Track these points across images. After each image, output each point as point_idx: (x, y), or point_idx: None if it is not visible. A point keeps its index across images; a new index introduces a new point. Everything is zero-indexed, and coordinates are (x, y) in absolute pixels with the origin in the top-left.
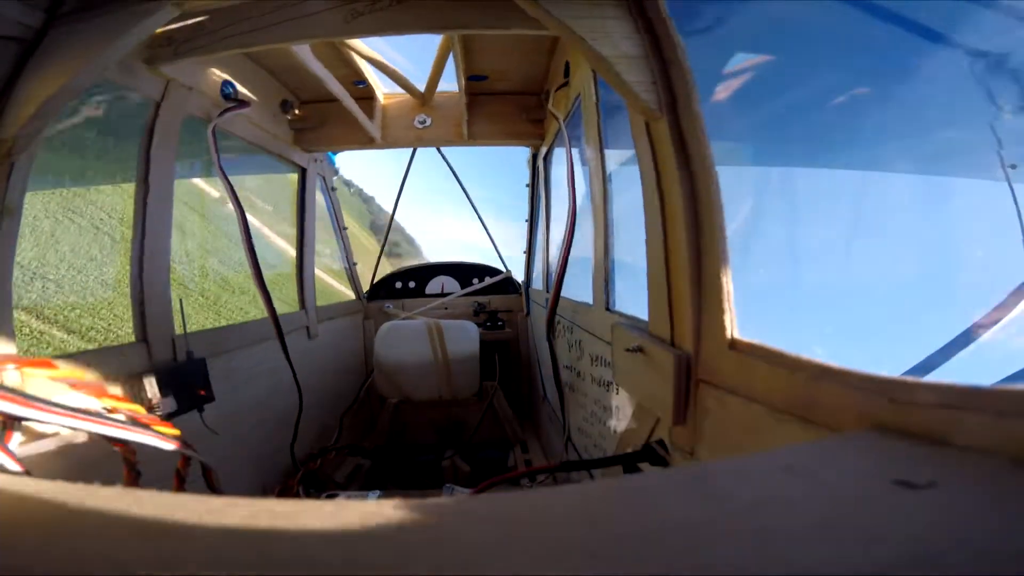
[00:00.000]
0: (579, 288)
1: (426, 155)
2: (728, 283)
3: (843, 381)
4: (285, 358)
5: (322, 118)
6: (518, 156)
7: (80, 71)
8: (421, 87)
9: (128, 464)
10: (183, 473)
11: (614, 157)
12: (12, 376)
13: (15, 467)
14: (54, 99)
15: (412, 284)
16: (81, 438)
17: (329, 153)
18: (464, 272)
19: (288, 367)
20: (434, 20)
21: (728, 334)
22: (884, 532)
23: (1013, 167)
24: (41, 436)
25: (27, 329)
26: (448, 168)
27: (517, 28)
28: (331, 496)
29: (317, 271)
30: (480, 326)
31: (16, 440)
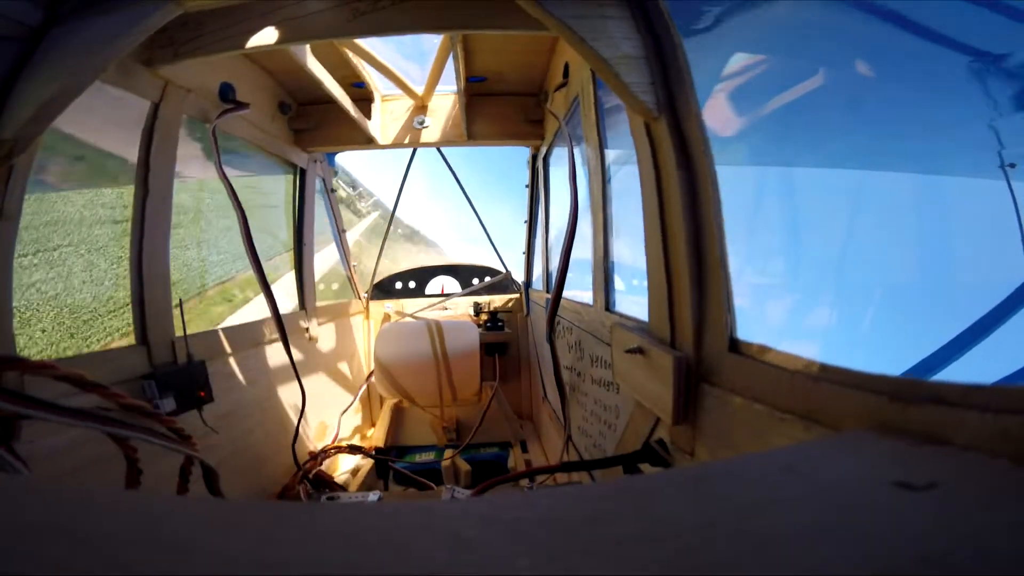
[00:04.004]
0: (579, 289)
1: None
2: (728, 283)
3: (843, 381)
4: (288, 357)
5: (321, 119)
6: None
7: (80, 71)
8: (420, 89)
9: (130, 462)
10: (187, 472)
11: (613, 157)
12: (13, 378)
13: (19, 467)
14: (54, 100)
15: (412, 284)
16: (83, 438)
17: (328, 155)
18: (464, 272)
19: (287, 368)
20: (435, 20)
21: (728, 334)
22: (884, 533)
23: (1012, 166)
24: (44, 436)
25: None
26: (448, 168)
27: (517, 28)
28: (331, 497)
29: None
30: (480, 326)
31: (19, 440)
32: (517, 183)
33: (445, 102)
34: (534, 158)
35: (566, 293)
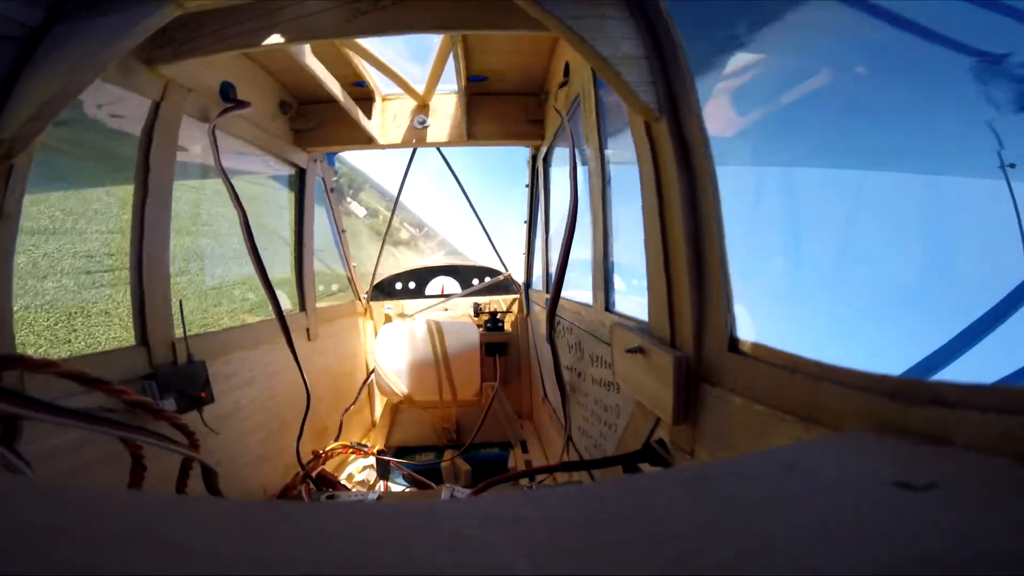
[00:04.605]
0: (578, 289)
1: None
2: (728, 283)
3: (843, 380)
4: (292, 357)
5: (321, 118)
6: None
7: (80, 71)
8: (421, 88)
9: (135, 459)
10: (188, 468)
11: (614, 157)
12: (14, 377)
13: (21, 467)
14: (54, 99)
15: (412, 285)
16: (86, 438)
17: (328, 155)
18: (464, 273)
19: (289, 368)
20: (435, 20)
21: (728, 334)
22: (884, 532)
23: (1012, 166)
24: (46, 436)
25: None
26: (448, 168)
27: (517, 28)
28: (331, 497)
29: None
30: (480, 327)
31: (22, 440)
32: (521, 183)
33: (446, 101)
34: (534, 158)
35: (566, 293)
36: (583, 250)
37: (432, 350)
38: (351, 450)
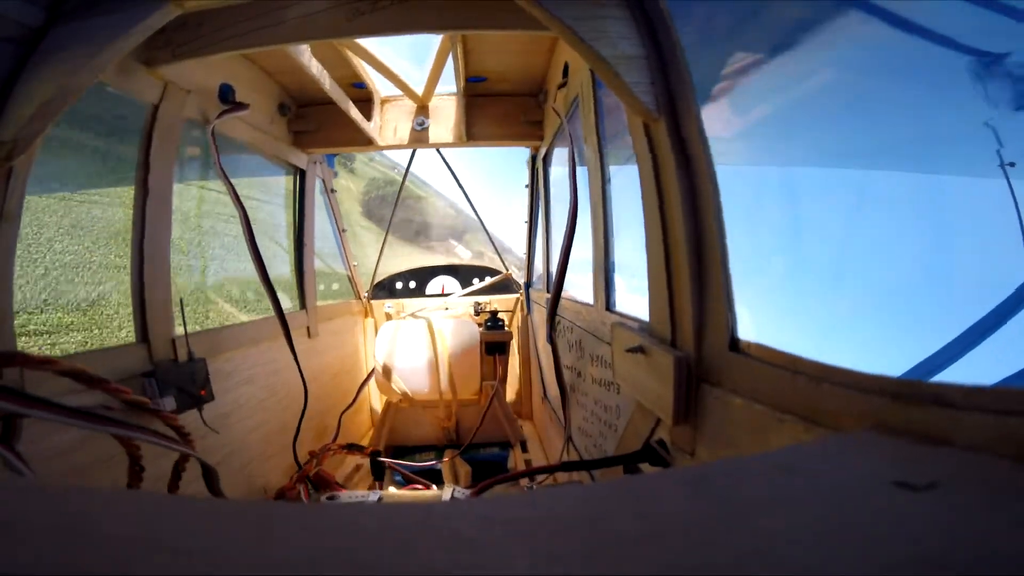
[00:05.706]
0: (578, 288)
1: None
2: (729, 283)
3: (844, 381)
4: (292, 356)
5: (321, 120)
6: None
7: (80, 71)
8: (420, 90)
9: (132, 460)
10: (181, 469)
11: (613, 157)
12: (14, 375)
13: (20, 467)
14: (54, 100)
15: (412, 284)
16: (86, 438)
17: (328, 156)
18: (464, 272)
19: (289, 366)
20: (435, 20)
21: (729, 334)
22: (884, 533)
23: (1012, 165)
24: (46, 436)
25: None
26: (448, 169)
27: (517, 28)
28: (331, 497)
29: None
30: (480, 326)
31: (21, 440)
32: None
33: (445, 103)
34: (533, 158)
35: (567, 293)
36: (583, 250)
37: (432, 348)
38: (344, 451)
